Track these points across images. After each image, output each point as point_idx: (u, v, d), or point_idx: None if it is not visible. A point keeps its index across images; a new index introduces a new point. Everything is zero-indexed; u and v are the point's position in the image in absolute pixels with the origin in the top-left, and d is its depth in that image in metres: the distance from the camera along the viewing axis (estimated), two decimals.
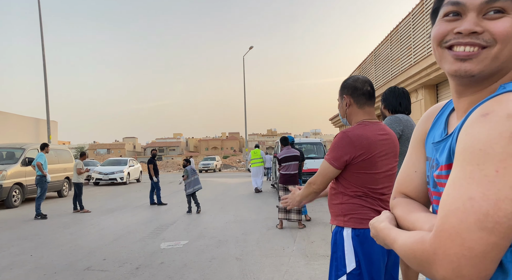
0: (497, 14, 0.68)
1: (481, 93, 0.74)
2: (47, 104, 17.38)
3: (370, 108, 1.89)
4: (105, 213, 9.14)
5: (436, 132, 0.87)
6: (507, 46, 0.68)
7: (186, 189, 8.74)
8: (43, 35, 17.28)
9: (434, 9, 0.80)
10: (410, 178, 0.95)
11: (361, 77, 1.91)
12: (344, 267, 1.73)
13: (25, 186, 11.03)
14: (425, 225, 0.74)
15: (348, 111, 1.90)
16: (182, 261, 4.74)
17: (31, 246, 5.75)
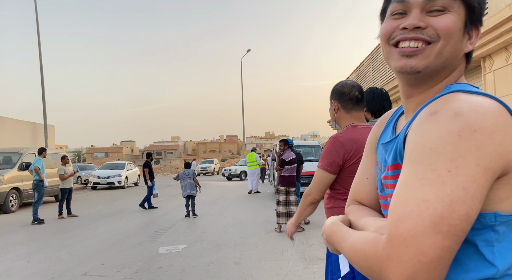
0: (439, 12, 0.71)
1: (428, 93, 0.75)
2: (44, 108, 17.33)
3: (358, 113, 1.92)
4: (103, 217, 9.10)
5: (386, 136, 0.87)
6: (450, 42, 0.70)
7: (182, 192, 8.79)
8: (40, 39, 17.26)
9: (383, 9, 0.82)
10: (363, 185, 0.93)
11: (349, 82, 1.93)
12: (338, 271, 1.73)
13: (22, 190, 10.97)
14: (371, 228, 0.73)
15: (336, 116, 1.94)
16: (180, 265, 4.71)
17: (28, 252, 5.71)
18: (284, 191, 6.66)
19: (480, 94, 0.65)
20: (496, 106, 0.62)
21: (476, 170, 0.57)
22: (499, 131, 0.59)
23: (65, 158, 9.58)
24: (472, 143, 0.58)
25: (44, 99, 17.33)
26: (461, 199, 0.57)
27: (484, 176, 0.58)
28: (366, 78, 15.61)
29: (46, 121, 17.49)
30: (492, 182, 0.60)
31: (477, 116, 0.59)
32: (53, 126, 21.51)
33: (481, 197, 0.58)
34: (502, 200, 0.61)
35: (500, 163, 0.59)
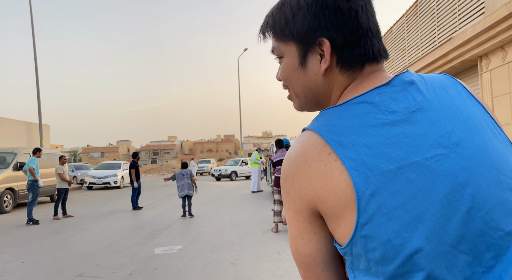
0: (281, 59, 0.76)
1: None
2: (39, 108, 17.21)
3: None
4: (99, 217, 9.03)
5: None
6: (293, 84, 0.75)
7: (178, 192, 8.71)
8: (34, 38, 17.13)
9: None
10: None
11: None
12: None
13: (17, 191, 10.88)
14: None
15: None
16: (176, 266, 4.67)
17: (22, 252, 5.64)
18: (277, 191, 6.65)
19: (306, 129, 0.67)
20: (303, 146, 0.64)
21: (290, 214, 0.67)
22: (299, 177, 0.63)
23: (63, 157, 9.55)
24: (284, 190, 0.67)
25: (39, 99, 17.21)
26: (290, 238, 0.70)
27: (295, 218, 0.66)
28: None
29: (41, 121, 17.38)
30: (309, 221, 0.65)
31: (288, 164, 0.66)
32: (48, 126, 21.38)
33: (301, 235, 0.67)
34: (334, 232, 0.64)
35: (302, 204, 0.64)
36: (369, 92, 0.65)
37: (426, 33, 9.37)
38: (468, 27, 6.99)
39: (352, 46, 0.68)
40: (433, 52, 8.44)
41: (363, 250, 0.60)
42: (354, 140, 0.61)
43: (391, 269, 0.58)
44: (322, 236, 0.66)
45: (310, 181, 0.62)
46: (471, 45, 6.97)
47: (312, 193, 0.62)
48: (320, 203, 0.62)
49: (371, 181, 0.58)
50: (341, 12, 0.68)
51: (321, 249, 0.67)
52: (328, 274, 0.68)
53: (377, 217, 0.58)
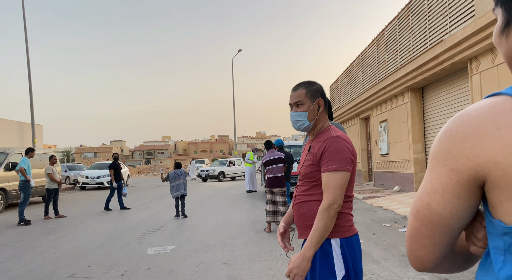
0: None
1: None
2: (32, 108, 17.08)
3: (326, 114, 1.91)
4: (91, 218, 9.00)
5: None
6: (498, 50, 0.74)
7: (171, 192, 8.67)
8: (27, 37, 17.00)
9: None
10: None
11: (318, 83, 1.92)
12: (334, 276, 1.67)
13: (8, 191, 10.79)
14: None
15: (319, 115, 1.84)
16: (169, 266, 4.68)
17: (14, 253, 5.61)
18: (269, 191, 6.69)
19: (504, 94, 0.63)
20: (494, 107, 0.61)
21: (443, 170, 0.65)
22: (477, 135, 0.60)
23: (53, 157, 9.50)
24: (446, 146, 0.65)
25: (31, 99, 17.08)
26: (426, 191, 0.68)
27: (448, 175, 0.64)
28: (356, 79, 15.72)
29: (33, 120, 17.24)
30: (463, 183, 0.63)
31: (463, 120, 0.63)
32: (41, 126, 21.21)
33: (443, 193, 0.65)
34: (498, 205, 0.61)
35: (468, 164, 0.61)
36: None
37: (417, 35, 9.46)
38: (458, 30, 7.09)
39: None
40: (424, 54, 8.53)
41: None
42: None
43: None
44: (465, 204, 0.64)
45: (494, 144, 0.59)
46: (461, 48, 7.07)
47: (491, 157, 0.59)
48: (497, 170, 0.59)
49: None
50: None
51: (454, 215, 0.65)
52: (442, 239, 0.68)
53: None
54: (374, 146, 13.98)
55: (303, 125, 1.83)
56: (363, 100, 13.62)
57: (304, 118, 1.81)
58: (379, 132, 12.99)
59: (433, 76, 8.93)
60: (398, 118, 11.25)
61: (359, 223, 6.97)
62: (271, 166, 6.72)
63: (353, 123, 16.70)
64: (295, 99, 1.84)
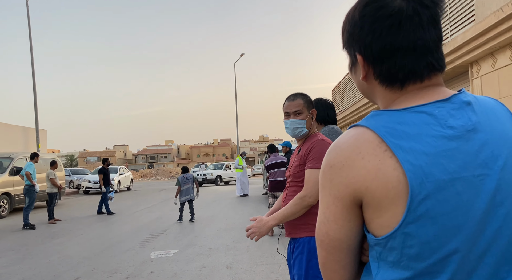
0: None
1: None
2: (36, 113, 17.22)
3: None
4: (95, 222, 9.06)
5: None
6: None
7: (179, 197, 8.65)
8: (31, 42, 17.18)
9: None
10: None
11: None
12: (319, 273, 1.75)
13: (13, 195, 10.88)
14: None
15: (312, 124, 2.06)
16: (172, 270, 4.72)
17: (19, 257, 5.68)
18: (271, 195, 6.73)
19: (362, 126, 0.72)
20: (357, 140, 0.70)
21: (330, 199, 0.73)
22: (349, 166, 0.69)
23: (55, 163, 9.63)
24: (328, 177, 0.73)
25: (36, 104, 17.23)
26: (322, 221, 0.76)
27: (334, 203, 0.73)
28: None
29: (38, 126, 17.38)
30: (348, 208, 0.72)
31: (336, 152, 0.72)
32: (45, 131, 21.37)
33: (335, 220, 0.73)
34: (370, 222, 0.71)
35: (346, 191, 0.70)
36: (429, 104, 0.71)
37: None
38: (459, 34, 7.14)
39: (382, 63, 0.74)
40: None
41: (400, 245, 0.66)
42: (414, 146, 0.66)
43: (423, 266, 0.66)
44: (354, 224, 0.73)
45: (361, 172, 0.68)
46: (462, 52, 7.11)
47: (361, 183, 0.68)
48: (368, 193, 0.68)
49: (425, 186, 0.64)
50: (367, 31, 0.74)
51: (350, 236, 0.74)
52: (348, 260, 0.76)
53: (423, 219, 0.64)
54: None
55: (301, 132, 2.00)
56: (365, 103, 13.66)
57: (303, 126, 1.99)
58: None
59: None
60: None
61: None
62: (273, 170, 6.77)
63: None
64: (295, 108, 2.01)
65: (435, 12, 0.74)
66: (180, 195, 8.63)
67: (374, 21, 0.73)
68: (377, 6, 0.73)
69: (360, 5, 0.76)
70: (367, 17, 0.74)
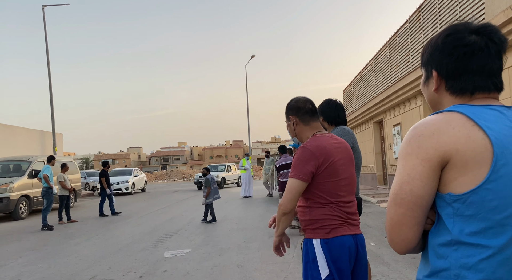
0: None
1: None
2: (53, 117, 17.66)
3: (315, 123, 2.06)
4: (110, 223, 9.28)
5: None
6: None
7: (209, 198, 8.50)
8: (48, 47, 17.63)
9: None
10: None
11: (301, 97, 2.12)
12: (318, 275, 1.82)
13: (32, 198, 11.21)
14: None
15: (296, 130, 2.07)
16: (185, 269, 4.85)
17: (38, 257, 5.89)
18: (281, 195, 6.80)
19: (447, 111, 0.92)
20: (445, 116, 0.90)
21: (417, 161, 0.89)
22: (439, 134, 0.87)
23: (66, 166, 9.92)
24: (416, 144, 0.90)
25: (52, 109, 17.66)
26: (406, 181, 0.90)
27: (422, 164, 0.88)
28: (369, 83, 15.72)
29: (54, 129, 17.82)
30: (434, 168, 0.88)
31: (425, 126, 0.91)
32: (61, 134, 21.87)
33: (421, 178, 0.88)
34: (451, 181, 0.87)
35: (436, 154, 0.87)
36: (498, 106, 0.93)
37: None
38: None
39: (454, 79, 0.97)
40: None
41: (481, 199, 0.84)
42: (495, 128, 0.86)
43: (499, 218, 0.84)
44: (434, 184, 0.89)
45: (452, 139, 0.86)
46: None
47: (452, 146, 0.86)
48: (457, 155, 0.85)
49: (504, 155, 0.84)
50: (445, 54, 0.97)
51: (429, 194, 0.89)
52: (423, 217, 0.91)
53: (503, 179, 0.83)
54: (388, 149, 13.92)
55: (294, 140, 2.14)
56: (376, 103, 13.62)
57: (290, 135, 2.14)
58: (393, 136, 12.96)
59: None
60: (411, 121, 11.22)
61: (372, 226, 7.02)
62: (284, 170, 6.86)
63: (367, 127, 16.66)
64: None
65: (501, 48, 0.97)
66: (209, 195, 8.50)
67: (453, 48, 0.96)
68: (457, 37, 0.97)
69: (443, 34, 1.00)
70: (448, 44, 0.98)
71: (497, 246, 0.83)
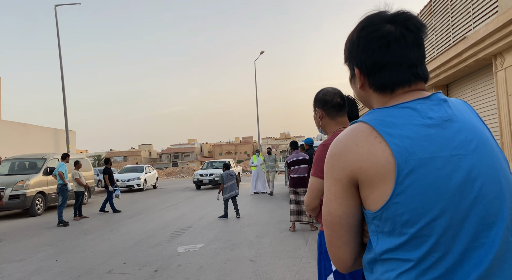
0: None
1: None
2: (66, 115, 17.94)
3: (342, 118, 2.00)
4: (124, 219, 9.44)
5: None
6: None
7: (223, 194, 8.61)
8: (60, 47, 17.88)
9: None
10: None
11: (331, 89, 2.01)
12: (330, 266, 1.86)
13: (47, 194, 11.44)
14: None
15: (321, 123, 2.01)
16: (198, 263, 4.94)
17: (56, 252, 6.05)
18: (292, 191, 6.83)
19: (359, 121, 0.89)
20: (353, 131, 0.86)
21: (331, 182, 0.89)
22: (346, 152, 0.85)
23: (79, 163, 10.17)
24: (329, 163, 0.89)
25: (65, 107, 17.94)
26: (325, 202, 0.90)
27: (334, 184, 0.88)
28: None
29: (67, 127, 18.10)
30: (346, 188, 0.86)
31: (336, 144, 0.89)
32: (74, 132, 22.21)
33: (335, 198, 0.88)
34: (365, 199, 0.85)
35: (344, 173, 0.86)
36: (412, 101, 0.88)
37: (440, 33, 9.38)
38: (481, 27, 7.02)
39: (375, 75, 0.92)
40: (447, 52, 8.46)
41: (393, 214, 0.80)
42: (399, 133, 0.82)
43: (413, 231, 0.79)
44: (351, 203, 0.87)
45: (356, 156, 0.83)
46: (484, 44, 7.00)
47: (356, 165, 0.83)
48: (361, 173, 0.82)
49: (409, 163, 0.79)
50: (362, 49, 0.92)
51: (348, 213, 0.87)
52: (349, 236, 0.89)
53: (409, 190, 0.78)
54: None
55: (319, 131, 2.12)
56: None
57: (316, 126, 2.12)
58: None
59: (457, 74, 8.82)
60: None
61: None
62: (295, 166, 6.88)
63: None
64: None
65: (418, 36, 0.90)
66: (224, 191, 8.58)
67: (368, 42, 0.91)
68: (372, 29, 0.90)
69: (358, 28, 0.94)
70: (362, 38, 0.91)
71: (416, 258, 0.79)
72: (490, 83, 8.05)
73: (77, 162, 10.22)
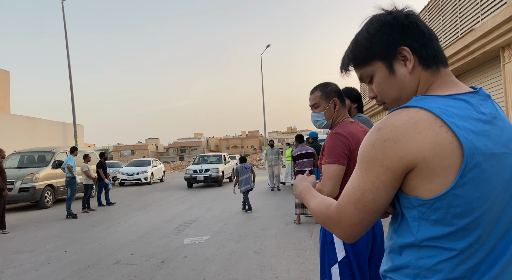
0: (371, 79, 0.99)
1: None
2: (73, 110, 18.10)
3: (345, 109, 2.11)
4: (131, 211, 9.57)
5: None
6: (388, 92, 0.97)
7: (239, 187, 8.63)
8: (67, 42, 17.99)
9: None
10: None
11: (334, 83, 2.12)
12: (335, 256, 1.88)
13: (56, 187, 11.62)
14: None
15: (336, 113, 2.06)
16: (204, 255, 5.02)
17: (65, 243, 6.17)
18: None
19: (413, 106, 0.84)
20: (412, 117, 0.82)
21: (381, 169, 0.84)
22: (405, 140, 0.81)
23: (88, 156, 10.34)
24: (380, 150, 0.83)
25: (73, 101, 18.09)
26: (369, 189, 0.86)
27: (385, 173, 0.83)
28: None
29: (75, 121, 18.28)
30: (398, 177, 0.83)
31: (391, 129, 0.83)
32: (82, 126, 22.43)
33: (384, 188, 0.85)
34: (417, 187, 0.83)
35: (401, 162, 0.82)
36: (464, 94, 0.87)
37: (448, 25, 9.27)
38: (489, 18, 6.93)
39: (426, 47, 0.91)
40: (454, 44, 8.37)
41: (447, 205, 0.80)
42: (463, 125, 0.80)
43: (463, 223, 0.81)
44: (396, 190, 0.86)
45: (419, 144, 0.79)
46: (492, 36, 6.91)
47: (418, 154, 0.79)
48: (423, 162, 0.79)
49: (475, 157, 0.79)
50: (406, 25, 0.92)
51: (389, 201, 0.87)
52: (376, 219, 0.91)
53: (469, 184, 0.79)
54: None
55: (322, 124, 2.08)
56: None
57: (322, 118, 2.07)
58: None
59: (464, 66, 8.73)
60: None
61: None
62: (301, 160, 6.90)
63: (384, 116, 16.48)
64: (312, 102, 2.09)
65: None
66: (240, 184, 8.58)
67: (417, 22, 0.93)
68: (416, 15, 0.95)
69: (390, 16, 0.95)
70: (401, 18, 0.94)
71: (460, 248, 0.81)
72: (497, 76, 7.96)
73: (86, 155, 10.39)
